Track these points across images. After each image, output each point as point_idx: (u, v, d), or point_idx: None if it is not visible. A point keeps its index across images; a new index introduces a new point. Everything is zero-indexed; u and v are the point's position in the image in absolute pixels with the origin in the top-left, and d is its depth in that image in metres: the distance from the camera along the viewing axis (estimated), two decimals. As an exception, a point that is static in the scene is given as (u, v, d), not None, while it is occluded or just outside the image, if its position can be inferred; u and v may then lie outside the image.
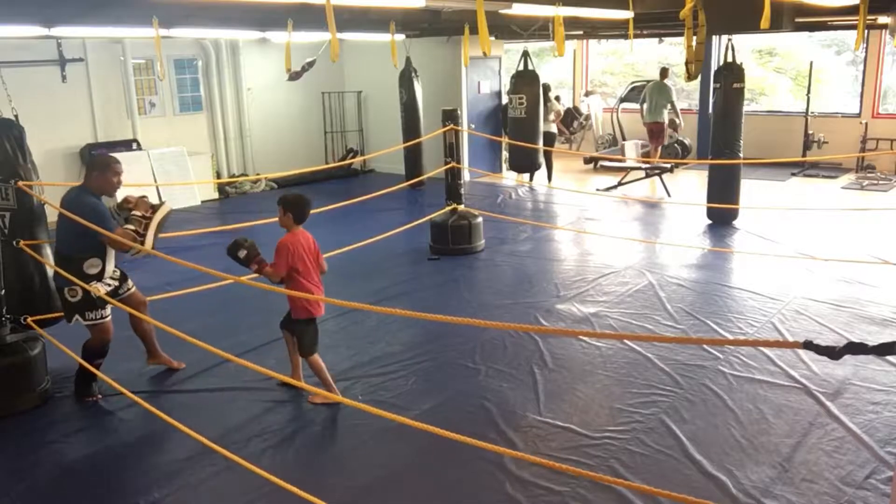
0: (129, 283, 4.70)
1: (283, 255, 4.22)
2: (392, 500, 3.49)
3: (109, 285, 4.45)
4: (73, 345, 4.59)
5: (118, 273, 4.58)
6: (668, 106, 11.92)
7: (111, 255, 4.41)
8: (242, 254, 4.12)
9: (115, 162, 4.45)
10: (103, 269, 4.37)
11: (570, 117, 14.41)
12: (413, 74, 10.94)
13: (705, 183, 8.83)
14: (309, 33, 8.26)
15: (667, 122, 12.09)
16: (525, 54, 9.48)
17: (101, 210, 4.28)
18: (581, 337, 5.29)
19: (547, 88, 11.25)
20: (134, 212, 4.38)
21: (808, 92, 12.60)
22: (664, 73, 12.24)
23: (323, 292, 4.44)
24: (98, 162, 4.49)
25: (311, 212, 4.47)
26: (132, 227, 4.32)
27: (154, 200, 4.58)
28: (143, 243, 4.30)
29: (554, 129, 11.94)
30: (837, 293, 6.08)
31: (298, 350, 4.44)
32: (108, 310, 4.41)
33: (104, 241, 4.25)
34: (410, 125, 11.02)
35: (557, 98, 14.78)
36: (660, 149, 12.27)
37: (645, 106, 12.11)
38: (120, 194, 4.65)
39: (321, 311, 4.41)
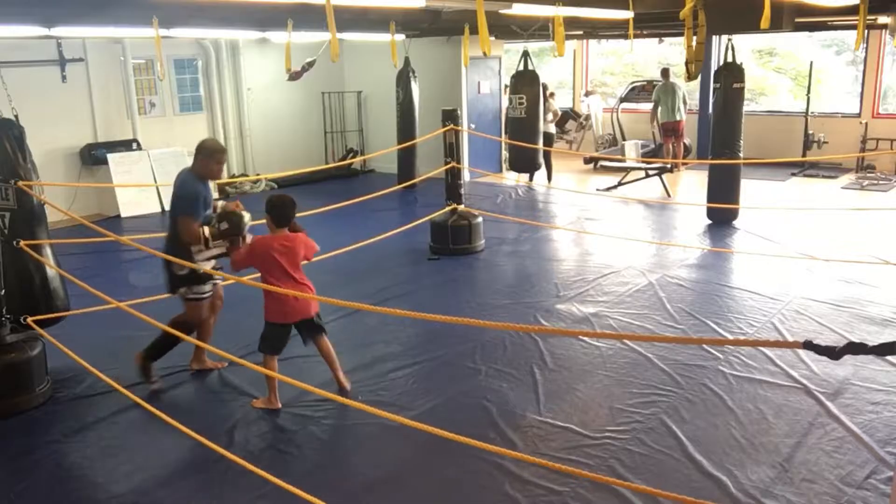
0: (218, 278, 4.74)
1: (246, 252, 4.17)
2: (392, 500, 3.48)
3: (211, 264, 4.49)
4: (73, 345, 4.59)
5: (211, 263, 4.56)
6: (684, 104, 12.05)
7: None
8: (223, 226, 4.11)
9: (219, 151, 4.52)
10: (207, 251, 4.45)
11: (565, 118, 14.42)
12: (411, 74, 10.93)
13: (705, 183, 8.83)
14: (309, 33, 8.26)
15: (685, 119, 12.19)
16: (525, 54, 9.48)
17: (192, 195, 4.36)
18: (581, 337, 5.29)
19: (544, 88, 11.27)
20: (224, 223, 4.34)
21: (808, 92, 12.60)
22: (666, 73, 12.27)
23: (304, 298, 4.22)
24: (204, 147, 4.51)
25: (313, 212, 4.47)
26: (207, 232, 4.32)
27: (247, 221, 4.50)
28: (201, 249, 4.36)
29: (552, 129, 11.96)
30: (837, 293, 6.08)
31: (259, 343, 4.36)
32: (208, 287, 4.52)
33: (181, 221, 4.34)
34: (406, 126, 11.00)
35: (552, 95, 14.79)
36: (682, 145, 12.37)
37: (660, 108, 12.15)
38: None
39: (283, 319, 4.26)
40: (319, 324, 4.42)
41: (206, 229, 4.31)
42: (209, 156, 4.46)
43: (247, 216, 4.40)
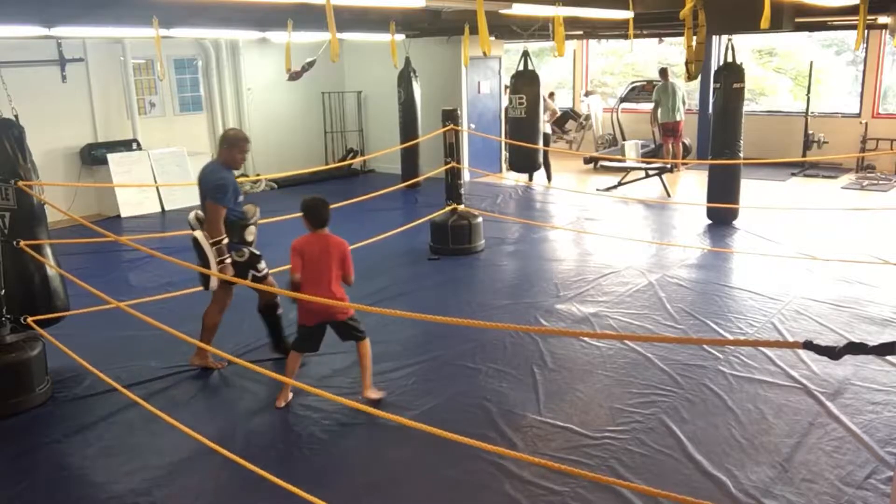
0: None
1: (292, 257, 4.19)
2: (392, 500, 3.49)
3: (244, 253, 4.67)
4: (73, 345, 4.59)
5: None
6: (683, 104, 12.07)
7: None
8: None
9: (242, 140, 4.67)
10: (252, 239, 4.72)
11: (565, 118, 14.43)
12: (412, 74, 10.94)
13: (705, 183, 8.83)
14: (309, 33, 8.26)
15: (683, 120, 12.21)
16: (525, 54, 9.48)
17: (222, 184, 4.52)
18: (581, 337, 5.29)
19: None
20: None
21: (808, 92, 12.60)
22: (664, 73, 12.28)
23: (333, 301, 4.20)
24: (227, 137, 4.70)
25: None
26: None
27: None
28: (221, 241, 4.54)
29: (548, 128, 11.97)
30: (837, 293, 6.08)
31: None
32: (263, 263, 4.79)
33: (207, 208, 4.54)
34: (408, 125, 11.01)
35: (552, 94, 14.78)
36: (682, 145, 12.38)
37: (660, 109, 12.16)
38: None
39: (309, 321, 4.27)
40: (354, 326, 4.36)
41: (225, 239, 4.53)
42: (233, 144, 4.62)
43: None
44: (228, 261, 4.58)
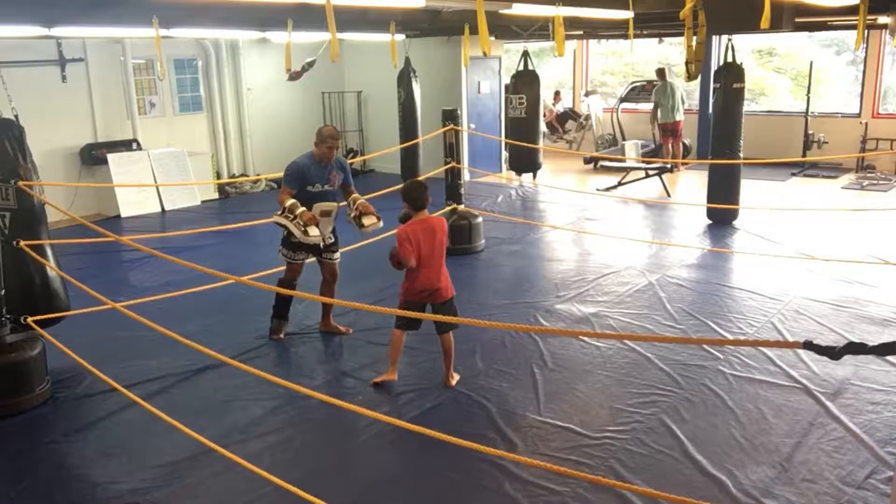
0: (335, 255, 5.31)
1: (403, 244, 4.35)
2: (392, 501, 3.49)
3: (310, 238, 4.93)
4: (73, 345, 4.59)
5: (329, 238, 5.19)
6: (683, 104, 12.08)
7: (321, 226, 4.98)
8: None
9: (330, 136, 5.04)
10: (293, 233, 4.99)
11: (566, 117, 14.43)
12: (412, 75, 10.93)
13: (705, 183, 8.83)
14: (309, 33, 8.25)
15: (682, 120, 12.21)
16: (525, 54, 9.49)
17: (293, 170, 5.04)
18: (581, 337, 5.29)
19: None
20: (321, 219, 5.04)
21: (808, 92, 12.60)
22: (662, 73, 12.28)
23: (444, 278, 4.54)
24: (318, 133, 5.10)
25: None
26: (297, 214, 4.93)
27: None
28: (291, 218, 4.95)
29: (542, 126, 11.98)
30: (837, 293, 6.08)
31: None
32: (299, 256, 5.13)
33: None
34: (408, 126, 11.00)
35: (557, 94, 14.77)
36: (681, 145, 12.38)
37: (660, 110, 12.16)
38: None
39: (419, 299, 4.46)
40: (454, 308, 4.57)
41: (290, 202, 4.95)
42: (321, 141, 5.04)
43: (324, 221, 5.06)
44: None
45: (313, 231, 4.93)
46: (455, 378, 4.61)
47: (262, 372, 4.02)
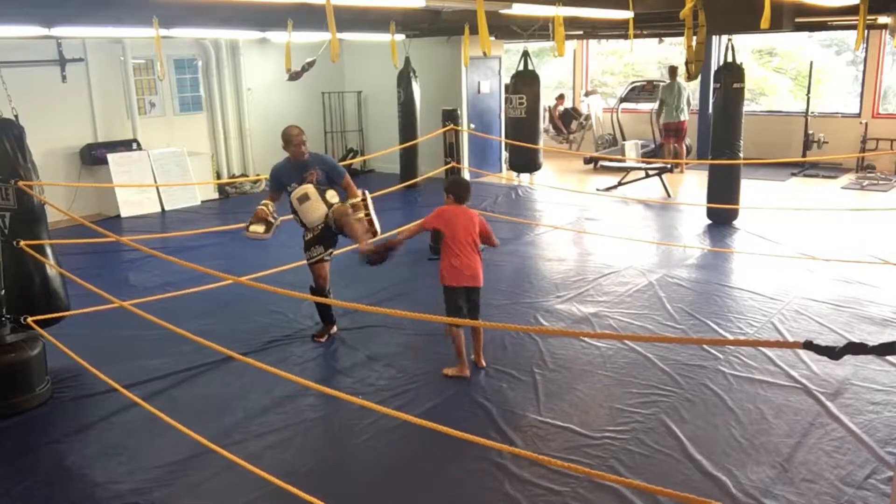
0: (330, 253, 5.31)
1: (434, 215, 4.68)
2: (392, 500, 3.49)
3: (249, 234, 5.16)
4: (73, 345, 4.59)
5: (308, 234, 5.19)
6: (688, 106, 12.07)
7: (304, 213, 5.08)
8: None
9: (292, 137, 5.23)
10: (306, 226, 5.18)
11: (569, 117, 14.42)
12: (412, 75, 10.93)
13: (705, 183, 8.83)
14: (309, 33, 8.26)
15: (687, 120, 12.21)
16: (525, 54, 9.49)
17: (271, 174, 5.34)
18: (581, 337, 5.29)
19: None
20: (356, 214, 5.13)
21: (808, 92, 12.60)
22: (674, 72, 12.25)
23: (475, 266, 4.67)
24: (282, 135, 5.31)
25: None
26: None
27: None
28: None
29: (550, 128, 11.99)
30: (837, 293, 6.08)
31: None
32: (314, 252, 5.19)
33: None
34: (407, 126, 11.00)
35: (561, 97, 14.76)
36: (684, 146, 12.37)
37: (665, 108, 12.15)
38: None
39: (456, 282, 4.61)
40: (479, 295, 4.77)
41: (269, 205, 5.19)
42: (286, 143, 5.21)
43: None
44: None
45: (253, 227, 5.12)
46: (484, 361, 4.85)
47: (263, 364, 4.01)
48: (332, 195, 5.12)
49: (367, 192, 5.28)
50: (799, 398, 4.31)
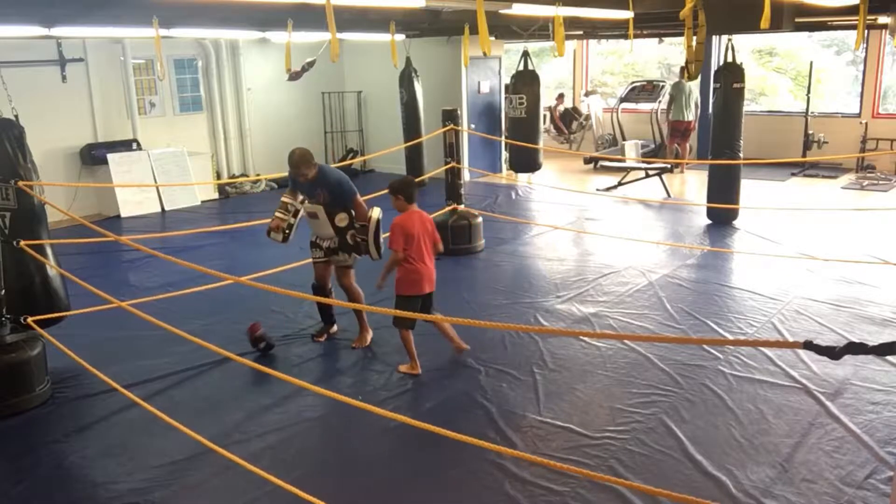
0: (338, 256, 5.21)
1: (396, 234, 4.57)
2: (392, 500, 3.49)
3: (316, 243, 5.22)
4: (73, 345, 4.59)
5: (325, 242, 5.18)
6: (697, 107, 12.07)
7: (315, 228, 5.18)
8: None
9: (294, 166, 4.99)
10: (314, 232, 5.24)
11: (569, 117, 14.42)
12: (413, 74, 10.93)
13: (705, 183, 8.83)
14: (309, 33, 8.25)
15: (693, 120, 12.21)
16: (525, 54, 9.48)
17: (289, 175, 5.17)
18: (581, 337, 5.29)
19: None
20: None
21: (808, 92, 12.59)
22: (683, 71, 12.24)
23: (432, 272, 4.75)
24: (288, 158, 5.06)
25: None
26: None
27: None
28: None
29: (551, 128, 11.97)
30: (837, 293, 6.08)
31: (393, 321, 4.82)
32: (315, 254, 5.24)
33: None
34: (411, 125, 11.00)
35: (561, 97, 14.76)
36: (688, 147, 12.37)
37: (674, 106, 12.14)
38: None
39: (416, 291, 4.66)
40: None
41: (289, 205, 5.25)
42: (290, 167, 5.03)
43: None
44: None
45: (273, 235, 5.24)
46: (464, 344, 4.97)
47: (263, 367, 4.02)
48: (340, 219, 5.08)
49: (378, 209, 5.15)
50: (799, 398, 4.31)
